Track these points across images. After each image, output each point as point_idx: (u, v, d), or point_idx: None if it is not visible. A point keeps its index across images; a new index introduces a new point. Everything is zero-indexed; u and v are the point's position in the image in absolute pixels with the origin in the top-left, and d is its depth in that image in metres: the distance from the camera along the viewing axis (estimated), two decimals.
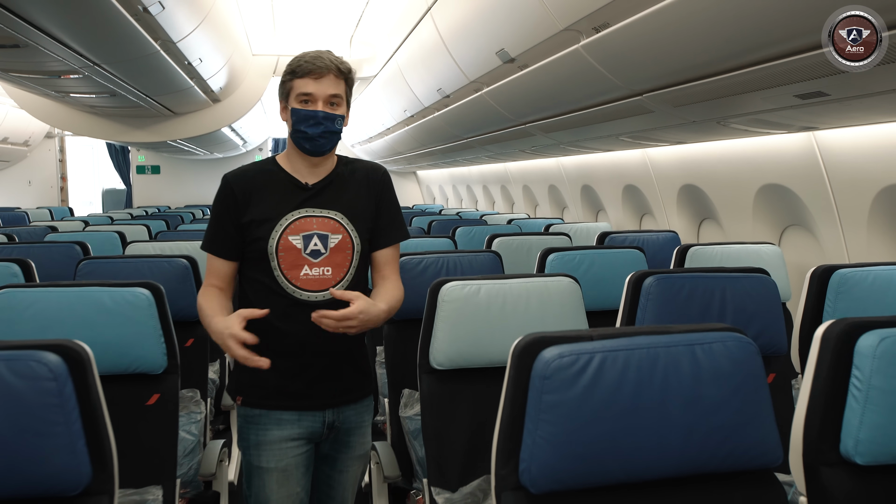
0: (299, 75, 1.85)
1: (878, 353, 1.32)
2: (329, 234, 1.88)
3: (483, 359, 2.15)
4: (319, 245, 1.87)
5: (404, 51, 6.41)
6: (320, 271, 1.87)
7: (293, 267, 1.86)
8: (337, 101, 1.87)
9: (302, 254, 1.86)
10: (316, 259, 1.87)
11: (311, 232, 1.87)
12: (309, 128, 1.85)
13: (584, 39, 3.11)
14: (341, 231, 1.89)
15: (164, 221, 6.70)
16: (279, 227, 1.85)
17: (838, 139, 3.33)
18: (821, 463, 1.38)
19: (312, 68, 1.83)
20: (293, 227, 1.86)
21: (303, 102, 1.85)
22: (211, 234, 1.93)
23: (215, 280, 1.93)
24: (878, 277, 2.37)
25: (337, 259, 1.88)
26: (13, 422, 1.27)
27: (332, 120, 1.86)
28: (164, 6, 4.44)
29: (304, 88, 1.84)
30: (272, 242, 1.85)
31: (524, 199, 9.00)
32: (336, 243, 1.88)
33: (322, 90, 1.84)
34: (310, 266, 1.86)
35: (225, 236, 1.91)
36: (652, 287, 2.20)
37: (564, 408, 1.22)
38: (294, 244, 1.85)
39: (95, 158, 16.39)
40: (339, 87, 1.87)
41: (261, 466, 1.89)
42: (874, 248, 3.28)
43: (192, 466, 2.49)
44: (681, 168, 4.89)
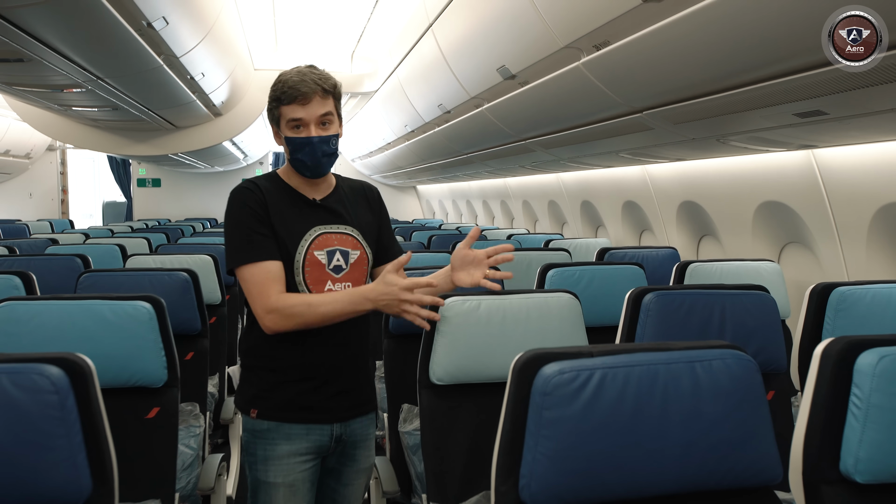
0: (285, 102, 1.81)
1: (878, 372, 1.32)
2: (349, 250, 1.90)
3: (483, 374, 2.14)
4: (342, 261, 1.88)
5: (405, 66, 6.45)
6: (342, 287, 1.88)
7: (318, 282, 1.86)
8: (328, 118, 1.85)
9: (326, 269, 1.87)
10: (338, 274, 1.88)
11: (333, 248, 1.88)
12: (305, 156, 1.84)
13: (585, 57, 3.13)
14: (359, 247, 1.92)
15: (164, 234, 6.70)
16: (304, 242, 1.85)
17: (837, 157, 3.35)
18: (821, 481, 1.38)
19: (297, 94, 1.79)
20: (317, 243, 1.87)
21: (294, 129, 1.83)
22: (247, 244, 1.80)
23: (278, 286, 1.79)
24: (878, 295, 2.37)
25: (356, 274, 1.91)
26: (15, 434, 1.27)
27: (326, 142, 1.85)
28: (169, 22, 4.47)
29: (293, 114, 1.81)
30: (299, 257, 1.84)
31: (524, 215, 9.02)
32: (356, 259, 1.91)
33: (311, 113, 1.81)
34: (333, 281, 1.87)
35: (264, 238, 1.80)
36: (652, 303, 2.20)
37: (565, 424, 1.23)
38: (319, 259, 1.86)
39: (96, 171, 16.43)
40: (328, 104, 1.84)
41: (268, 482, 1.87)
42: (873, 265, 3.29)
43: (191, 480, 2.49)
44: (680, 185, 4.90)
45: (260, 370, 1.91)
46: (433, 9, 4.85)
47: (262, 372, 1.90)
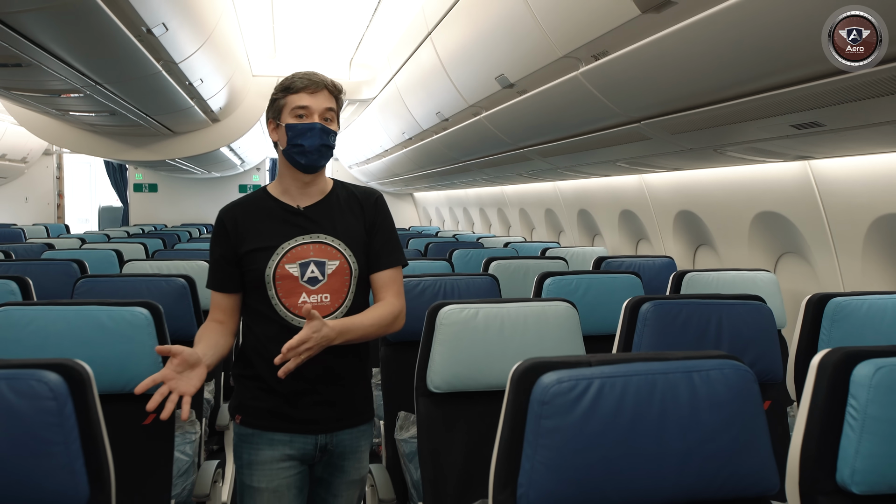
0: (294, 91, 1.87)
1: (874, 383, 1.33)
2: (326, 260, 1.88)
3: (480, 382, 2.15)
4: (317, 272, 1.87)
5: (404, 74, 6.46)
6: (318, 298, 1.87)
7: (290, 294, 1.86)
8: (331, 115, 1.90)
9: (299, 281, 1.86)
10: (314, 286, 1.87)
11: (307, 259, 1.87)
12: (306, 140, 1.85)
13: (583, 67, 3.14)
14: (338, 257, 1.89)
15: (160, 240, 6.69)
16: (275, 257, 1.86)
17: (833, 168, 3.36)
18: (817, 492, 1.38)
19: (308, 83, 1.87)
20: (290, 256, 1.86)
21: (298, 117, 1.87)
22: (211, 272, 1.97)
23: (217, 314, 1.95)
24: (874, 306, 2.38)
25: (335, 285, 1.88)
26: (12, 441, 1.27)
27: (328, 134, 1.88)
28: (168, 28, 4.48)
29: (300, 102, 1.86)
30: (269, 272, 1.86)
31: (521, 223, 9.03)
32: (333, 269, 1.88)
33: (318, 104, 1.87)
34: (308, 293, 1.86)
35: (221, 272, 1.94)
36: (649, 313, 2.21)
37: (563, 433, 1.23)
38: (291, 272, 1.86)
39: (93, 176, 16.41)
40: (333, 102, 1.91)
41: (252, 486, 1.88)
42: (868, 276, 3.30)
43: (187, 487, 2.48)
44: (677, 194, 4.92)
45: (243, 378, 1.95)
46: (432, 17, 4.86)
47: (245, 380, 1.94)
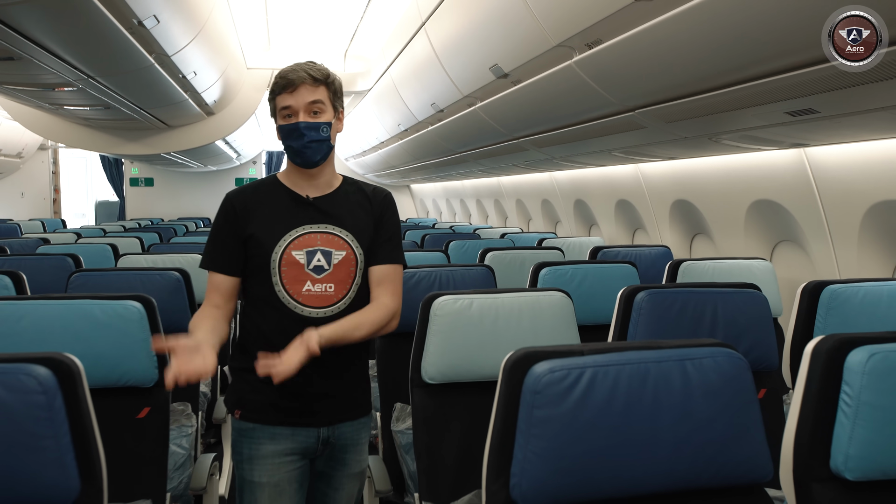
0: (277, 93, 1.86)
1: (868, 369, 1.32)
2: (333, 250, 1.87)
3: (475, 373, 2.14)
4: (323, 261, 1.86)
5: (398, 65, 6.45)
6: (323, 287, 1.86)
7: (295, 282, 1.84)
8: (318, 107, 1.86)
9: (305, 269, 1.85)
10: (319, 275, 1.85)
11: (314, 248, 1.86)
12: (293, 141, 1.85)
13: (577, 56, 3.13)
14: (345, 248, 1.88)
15: (156, 234, 6.67)
16: (283, 242, 1.85)
17: (829, 156, 3.36)
18: (811, 478, 1.38)
19: (286, 83, 1.84)
20: (297, 243, 1.85)
21: (286, 118, 1.86)
22: (210, 250, 1.92)
23: (215, 297, 1.89)
24: (869, 293, 2.38)
25: (340, 276, 1.87)
26: (2, 435, 1.26)
27: (314, 129, 1.85)
28: (160, 20, 4.46)
29: (284, 103, 1.85)
30: (275, 256, 1.84)
31: (517, 214, 9.02)
32: (340, 259, 1.87)
33: (299, 101, 1.84)
34: (312, 282, 1.85)
35: (224, 250, 1.89)
36: (644, 302, 2.20)
37: (555, 423, 1.22)
38: (297, 259, 1.84)
39: (89, 170, 16.39)
40: (318, 93, 1.85)
41: (253, 481, 1.87)
42: (864, 263, 3.30)
43: (183, 480, 2.48)
44: (673, 183, 4.91)
45: (243, 372, 1.91)
46: (426, 7, 4.84)
47: (244, 373, 1.90)
